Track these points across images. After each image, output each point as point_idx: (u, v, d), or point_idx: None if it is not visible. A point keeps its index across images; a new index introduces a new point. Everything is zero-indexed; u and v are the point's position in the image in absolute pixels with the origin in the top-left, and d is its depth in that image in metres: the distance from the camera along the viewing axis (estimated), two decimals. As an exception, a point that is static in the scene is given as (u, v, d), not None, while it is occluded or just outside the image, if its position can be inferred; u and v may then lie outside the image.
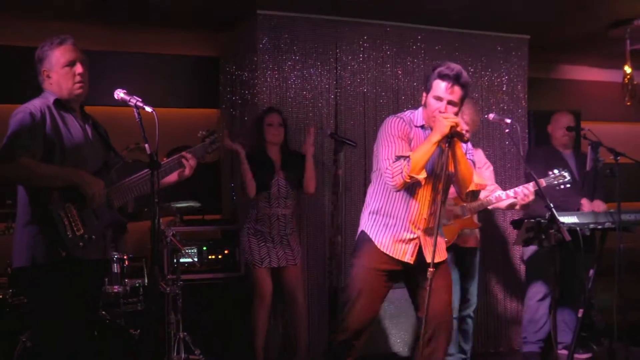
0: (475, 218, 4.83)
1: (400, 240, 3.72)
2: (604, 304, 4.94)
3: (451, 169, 3.67)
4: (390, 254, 3.72)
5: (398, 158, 3.56)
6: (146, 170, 3.26)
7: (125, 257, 4.65)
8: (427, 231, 3.75)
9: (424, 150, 3.54)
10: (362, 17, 5.53)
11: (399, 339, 5.16)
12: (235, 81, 5.62)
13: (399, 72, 5.70)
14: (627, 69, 6.04)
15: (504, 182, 5.76)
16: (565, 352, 5.19)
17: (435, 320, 3.68)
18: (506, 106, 6.07)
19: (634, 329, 4.82)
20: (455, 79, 3.59)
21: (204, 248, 5.26)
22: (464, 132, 3.57)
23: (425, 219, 3.72)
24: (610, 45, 6.35)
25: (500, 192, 4.81)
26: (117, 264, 4.58)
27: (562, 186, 4.84)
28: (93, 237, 3.20)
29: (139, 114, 3.22)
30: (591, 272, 4.98)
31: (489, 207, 4.87)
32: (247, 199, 4.94)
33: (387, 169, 3.58)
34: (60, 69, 3.29)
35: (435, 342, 3.74)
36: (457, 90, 3.61)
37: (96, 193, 3.18)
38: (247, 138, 5.12)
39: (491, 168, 5.08)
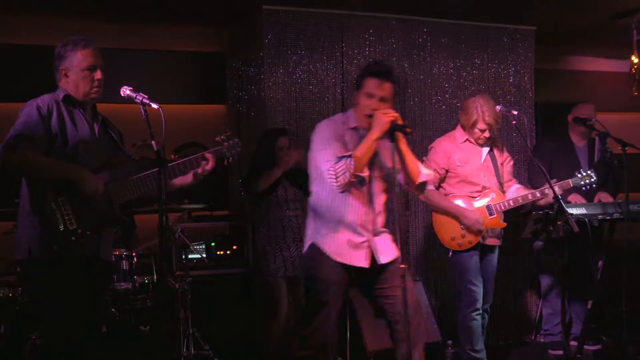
0: (501, 217, 4.75)
1: (352, 246, 3.66)
2: (613, 295, 4.92)
3: (398, 164, 3.61)
4: (345, 262, 3.65)
5: (340, 158, 3.51)
6: (154, 169, 3.23)
7: (134, 254, 4.67)
8: (376, 232, 3.72)
9: (366, 147, 3.50)
10: (367, 11, 5.53)
11: (408, 332, 5.15)
12: (241, 77, 5.63)
13: (405, 65, 5.69)
14: (634, 59, 6.00)
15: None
16: (575, 343, 5.19)
17: (411, 317, 3.59)
18: (513, 98, 6.06)
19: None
20: (385, 75, 3.60)
21: (212, 244, 5.27)
22: (406, 126, 3.51)
23: (372, 219, 3.69)
24: (617, 35, 6.31)
25: (526, 193, 4.75)
26: (126, 261, 4.60)
27: (588, 186, 4.81)
28: (88, 232, 3.19)
29: (145, 110, 3.21)
30: (600, 263, 4.98)
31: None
32: (255, 196, 4.87)
33: (329, 170, 3.50)
34: (80, 72, 3.32)
35: (414, 340, 3.65)
36: (388, 86, 3.59)
37: (93, 190, 3.18)
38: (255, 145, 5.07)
39: (512, 162, 5.01)
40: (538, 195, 4.69)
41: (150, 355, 4.41)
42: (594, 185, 4.84)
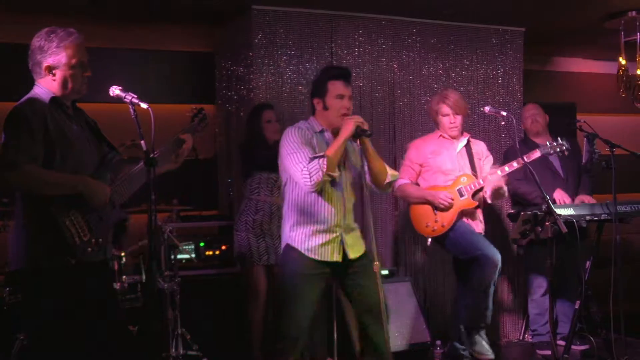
0: (475, 198, 4.82)
1: (325, 243, 3.83)
2: (601, 295, 4.95)
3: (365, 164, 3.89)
4: (319, 258, 3.82)
5: (312, 158, 3.69)
6: (141, 162, 3.17)
7: (122, 254, 4.65)
8: (347, 228, 3.90)
9: (336, 147, 3.72)
10: (357, 11, 5.53)
11: (397, 332, 5.16)
12: (230, 77, 5.61)
13: (395, 65, 5.70)
14: (622, 61, 6.04)
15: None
16: (563, 342, 5.21)
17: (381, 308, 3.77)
18: (502, 99, 6.08)
19: (630, 319, 4.83)
20: (347, 76, 3.90)
21: (201, 244, 5.26)
22: (367, 128, 3.76)
23: (343, 216, 3.86)
24: (605, 37, 6.35)
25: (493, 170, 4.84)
26: (115, 261, 4.58)
27: (560, 154, 4.86)
28: (100, 240, 3.13)
29: (134, 110, 3.15)
30: (587, 263, 5.00)
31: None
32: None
33: (302, 170, 3.68)
34: (69, 69, 3.15)
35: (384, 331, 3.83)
36: (350, 86, 3.93)
37: (102, 199, 3.11)
38: (242, 133, 5.10)
39: (491, 162, 5.08)
40: (505, 170, 4.78)
41: (138, 356, 4.39)
42: (566, 153, 4.87)
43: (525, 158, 4.75)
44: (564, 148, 4.85)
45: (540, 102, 5.93)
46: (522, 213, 4.65)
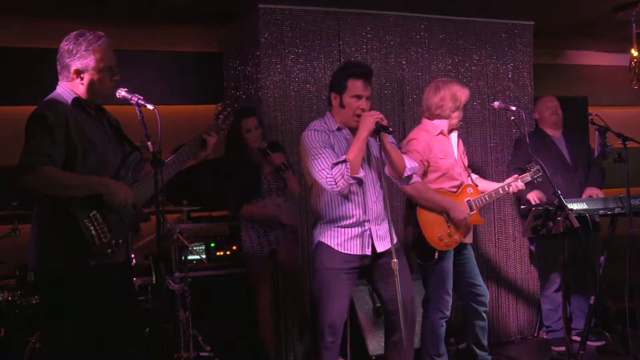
0: (479, 213, 4.67)
1: (354, 236, 3.88)
2: (616, 290, 4.91)
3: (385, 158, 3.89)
4: (350, 252, 3.87)
5: (335, 164, 3.72)
6: (163, 164, 3.13)
7: (132, 255, 4.64)
8: (377, 221, 3.94)
9: (357, 149, 3.75)
10: (364, 8, 5.50)
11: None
12: (238, 76, 5.60)
13: (403, 62, 5.66)
14: (634, 53, 5.99)
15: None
16: (578, 338, 5.17)
17: (406, 306, 3.82)
18: (512, 93, 6.03)
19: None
20: (368, 76, 3.88)
21: (212, 244, 5.26)
22: (387, 124, 3.76)
23: (371, 209, 3.90)
24: (616, 29, 6.30)
25: (495, 186, 4.66)
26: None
27: (536, 180, 4.69)
28: (120, 241, 3.12)
29: (140, 112, 3.14)
30: (602, 258, 4.96)
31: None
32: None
33: (327, 177, 3.73)
34: (96, 73, 3.14)
35: (407, 329, 3.87)
36: (369, 85, 3.91)
37: (123, 201, 3.08)
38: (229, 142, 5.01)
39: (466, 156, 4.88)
40: (505, 189, 4.61)
41: (150, 358, 4.40)
42: (540, 180, 4.70)
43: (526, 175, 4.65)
44: (539, 175, 4.66)
45: (551, 96, 5.89)
46: (534, 209, 4.61)
